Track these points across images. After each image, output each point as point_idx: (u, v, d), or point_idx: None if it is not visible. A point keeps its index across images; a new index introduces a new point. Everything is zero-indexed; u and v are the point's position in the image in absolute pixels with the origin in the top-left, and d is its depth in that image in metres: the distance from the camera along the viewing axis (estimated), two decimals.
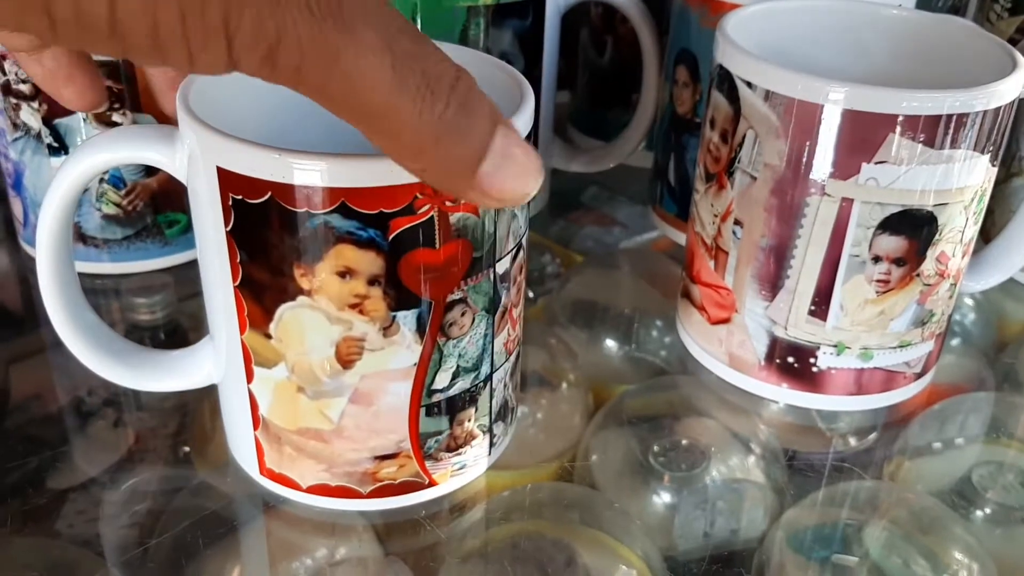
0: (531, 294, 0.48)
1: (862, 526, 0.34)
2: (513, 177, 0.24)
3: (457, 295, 0.30)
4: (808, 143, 0.34)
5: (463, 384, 0.32)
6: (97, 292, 0.46)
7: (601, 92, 0.59)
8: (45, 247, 0.32)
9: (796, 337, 0.38)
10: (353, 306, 0.29)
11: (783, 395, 0.39)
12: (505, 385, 0.34)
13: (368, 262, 0.28)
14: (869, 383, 0.39)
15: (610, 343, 0.45)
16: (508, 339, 0.33)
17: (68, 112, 0.42)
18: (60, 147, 0.43)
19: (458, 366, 0.31)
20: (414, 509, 0.34)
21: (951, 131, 0.33)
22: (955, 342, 0.46)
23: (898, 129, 0.33)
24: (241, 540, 0.34)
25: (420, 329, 0.30)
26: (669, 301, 0.46)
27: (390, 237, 0.28)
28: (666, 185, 0.50)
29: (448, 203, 0.28)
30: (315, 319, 0.29)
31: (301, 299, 0.29)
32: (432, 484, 0.33)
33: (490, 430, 0.34)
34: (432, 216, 0.28)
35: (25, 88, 0.42)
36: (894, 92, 0.33)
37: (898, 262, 0.36)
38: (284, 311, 0.29)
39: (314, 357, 0.30)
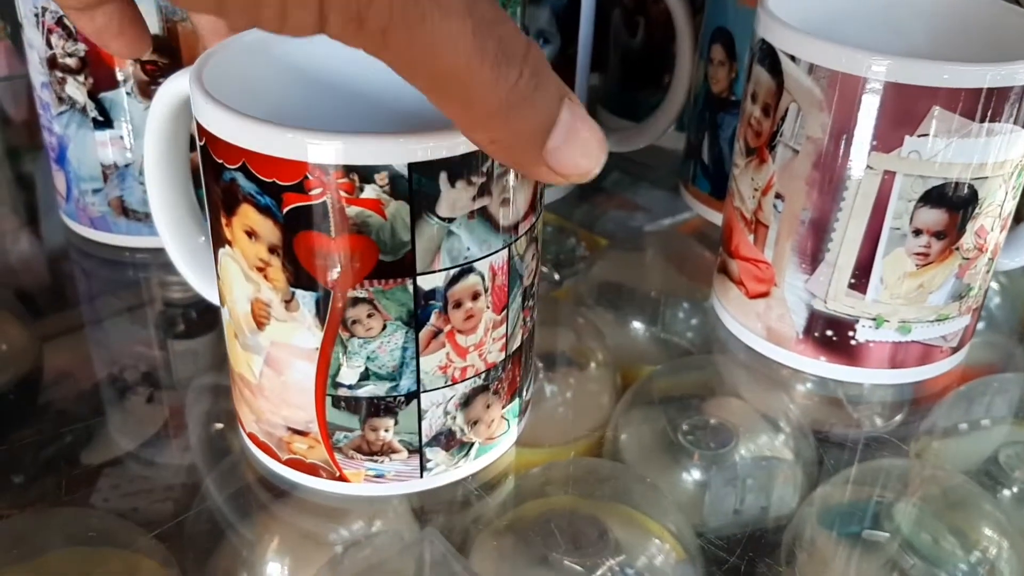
0: (557, 276, 0.49)
1: (892, 503, 0.35)
2: (579, 152, 0.24)
3: (360, 293, 0.29)
4: (851, 116, 0.35)
5: (375, 389, 0.31)
6: (138, 266, 0.47)
7: (632, 73, 0.59)
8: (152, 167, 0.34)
9: (835, 310, 0.38)
10: (260, 269, 0.29)
11: (821, 368, 0.40)
12: (447, 413, 0.32)
13: (267, 230, 0.28)
14: (906, 357, 0.39)
15: (637, 324, 0.46)
16: (447, 364, 0.31)
17: (114, 86, 0.43)
18: (105, 121, 0.43)
19: (367, 368, 0.30)
20: (326, 496, 0.34)
21: (992, 105, 0.34)
22: (981, 325, 0.47)
23: (940, 102, 0.33)
24: (275, 512, 0.34)
25: (320, 315, 0.29)
26: (695, 283, 0.47)
27: (284, 210, 0.28)
28: (699, 164, 0.51)
29: (344, 193, 0.27)
30: (236, 271, 0.30)
31: (227, 248, 0.30)
32: (343, 479, 0.33)
33: (420, 452, 0.33)
34: (325, 201, 0.27)
35: (71, 62, 0.42)
36: (937, 65, 0.33)
37: (938, 235, 0.36)
38: (221, 255, 0.31)
39: (239, 308, 0.31)
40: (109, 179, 0.45)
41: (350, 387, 0.31)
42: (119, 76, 0.43)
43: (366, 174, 0.26)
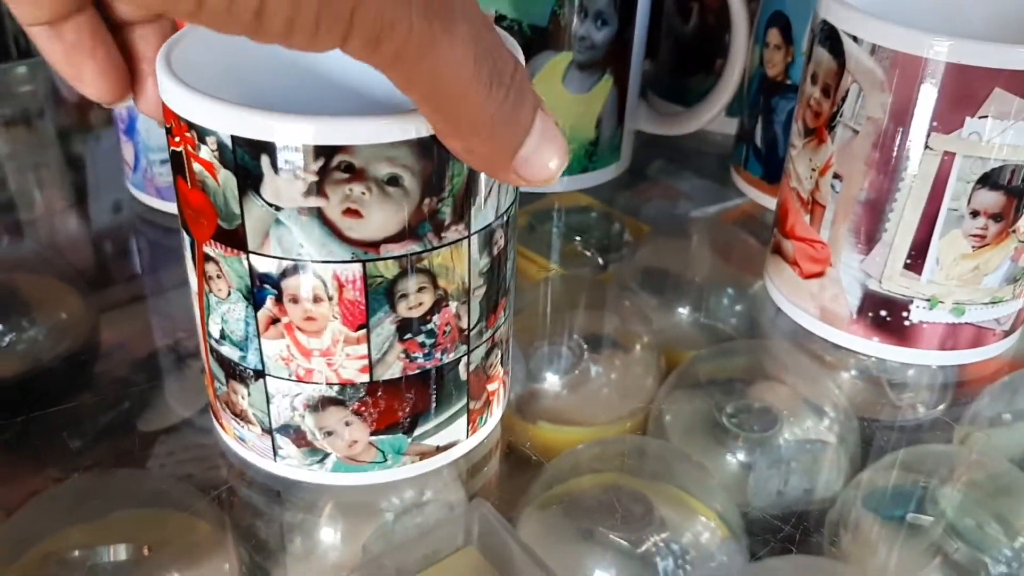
0: (601, 261, 0.49)
1: (936, 488, 0.35)
2: (546, 160, 0.25)
3: (209, 250, 0.29)
4: (912, 97, 0.35)
5: (230, 352, 0.31)
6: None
7: (684, 58, 0.60)
8: None
9: (890, 290, 0.38)
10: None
11: (873, 348, 0.40)
12: (294, 408, 0.31)
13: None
14: (959, 338, 0.39)
15: (681, 309, 0.46)
16: (289, 358, 0.30)
17: None
18: None
19: (223, 328, 0.31)
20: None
21: None
22: None
23: (1001, 84, 0.33)
24: (324, 480, 0.34)
25: (192, 255, 0.30)
26: (740, 269, 0.47)
27: (169, 148, 0.29)
28: (752, 147, 0.51)
29: (190, 148, 0.27)
30: None
31: None
32: (222, 427, 0.34)
33: (271, 435, 0.32)
34: (181, 152, 0.28)
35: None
36: (999, 47, 0.33)
37: (995, 217, 0.36)
38: None
39: None
40: None
41: (216, 340, 0.31)
42: None
43: (201, 134, 0.27)
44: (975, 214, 0.36)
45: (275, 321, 0.30)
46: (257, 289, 0.29)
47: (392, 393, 0.31)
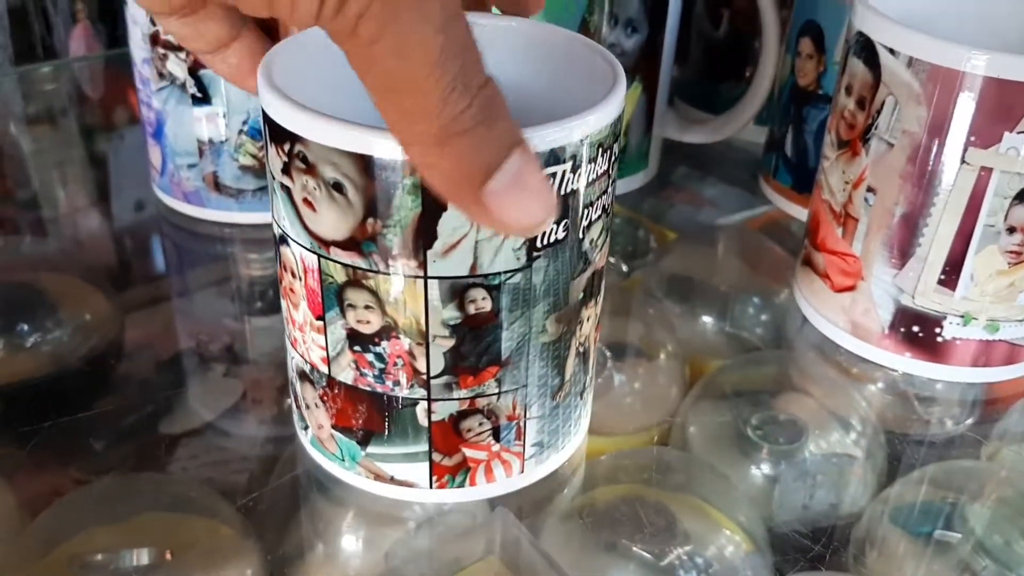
0: (625, 267, 0.49)
1: (964, 504, 0.34)
2: (520, 204, 0.23)
3: None
4: (949, 111, 0.34)
5: None
6: (226, 240, 0.48)
7: (713, 65, 0.59)
8: None
9: (923, 306, 0.38)
10: None
11: (905, 364, 0.39)
12: (290, 370, 0.34)
13: None
14: (992, 355, 0.39)
15: (706, 318, 0.46)
16: (288, 318, 0.32)
17: None
18: (203, 97, 0.45)
19: None
20: None
21: None
22: None
23: None
24: (347, 489, 0.34)
25: None
26: (765, 279, 0.47)
27: None
28: (782, 157, 0.51)
29: None
30: None
31: None
32: None
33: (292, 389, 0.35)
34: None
35: (173, 39, 0.43)
36: None
37: None
38: None
39: None
40: (204, 154, 0.46)
41: None
42: None
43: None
44: (1012, 230, 0.35)
45: (283, 279, 0.31)
46: (274, 249, 0.31)
47: (348, 397, 0.31)
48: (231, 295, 0.46)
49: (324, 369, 0.31)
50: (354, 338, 0.30)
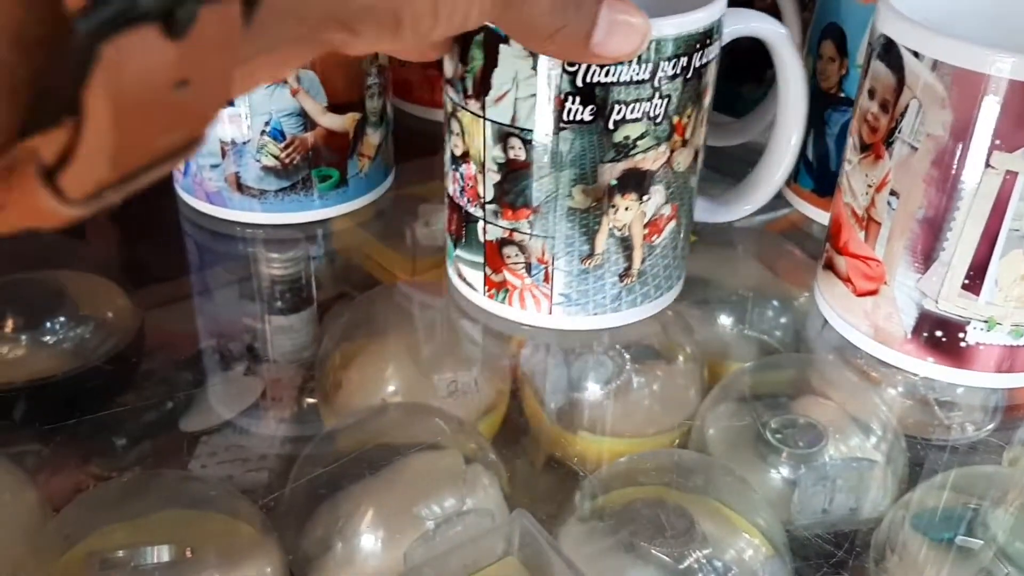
0: None
1: (987, 510, 0.34)
2: (619, 41, 0.30)
3: None
4: (974, 114, 0.34)
5: None
6: (247, 240, 0.48)
7: (734, 68, 0.59)
8: None
9: (947, 311, 0.38)
10: None
11: (928, 369, 0.39)
12: None
13: None
14: (1016, 361, 0.38)
15: (725, 320, 0.46)
16: None
17: None
18: None
19: None
20: None
21: None
22: None
23: None
24: (369, 486, 0.34)
25: None
26: (784, 281, 0.46)
27: None
28: (803, 160, 0.50)
29: None
30: None
31: None
32: None
33: None
34: None
35: None
36: None
37: None
38: None
39: None
40: (227, 155, 0.46)
41: None
42: None
43: None
44: None
45: None
46: None
47: (449, 205, 0.42)
48: (252, 295, 0.46)
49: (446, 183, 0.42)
50: (451, 159, 0.40)
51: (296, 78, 0.44)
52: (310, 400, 0.40)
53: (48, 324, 0.41)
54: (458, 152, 0.39)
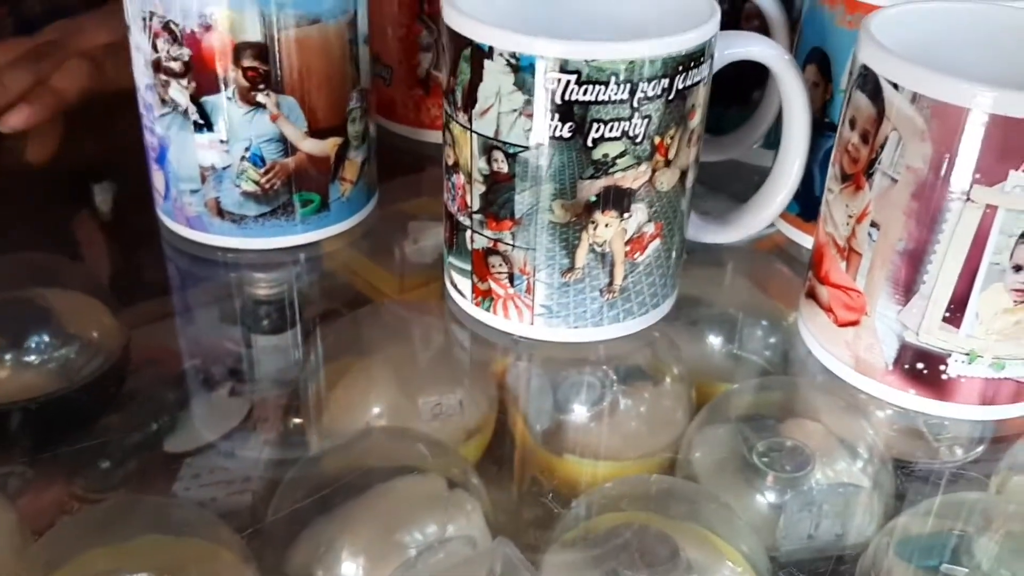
0: None
1: (972, 537, 0.34)
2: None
3: None
4: (954, 147, 0.34)
5: None
6: (229, 265, 0.48)
7: (720, 88, 0.59)
8: None
9: (928, 343, 0.37)
10: None
11: (909, 401, 0.39)
12: None
13: None
14: (999, 393, 0.38)
15: (712, 339, 0.46)
16: None
17: (215, 90, 0.44)
18: (205, 124, 0.44)
19: None
20: None
21: None
22: None
23: None
24: (351, 511, 0.34)
25: None
26: (773, 300, 0.46)
27: None
28: None
29: None
30: None
31: None
32: None
33: None
34: None
35: (176, 66, 0.43)
36: None
37: None
38: None
39: None
40: (207, 180, 0.46)
41: None
42: (221, 81, 0.44)
43: None
44: (1018, 268, 0.35)
45: None
46: None
47: (444, 213, 0.43)
48: (236, 316, 0.46)
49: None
50: (445, 168, 0.42)
51: (276, 104, 0.44)
52: (296, 421, 0.40)
53: (34, 343, 0.40)
54: (450, 162, 0.41)
